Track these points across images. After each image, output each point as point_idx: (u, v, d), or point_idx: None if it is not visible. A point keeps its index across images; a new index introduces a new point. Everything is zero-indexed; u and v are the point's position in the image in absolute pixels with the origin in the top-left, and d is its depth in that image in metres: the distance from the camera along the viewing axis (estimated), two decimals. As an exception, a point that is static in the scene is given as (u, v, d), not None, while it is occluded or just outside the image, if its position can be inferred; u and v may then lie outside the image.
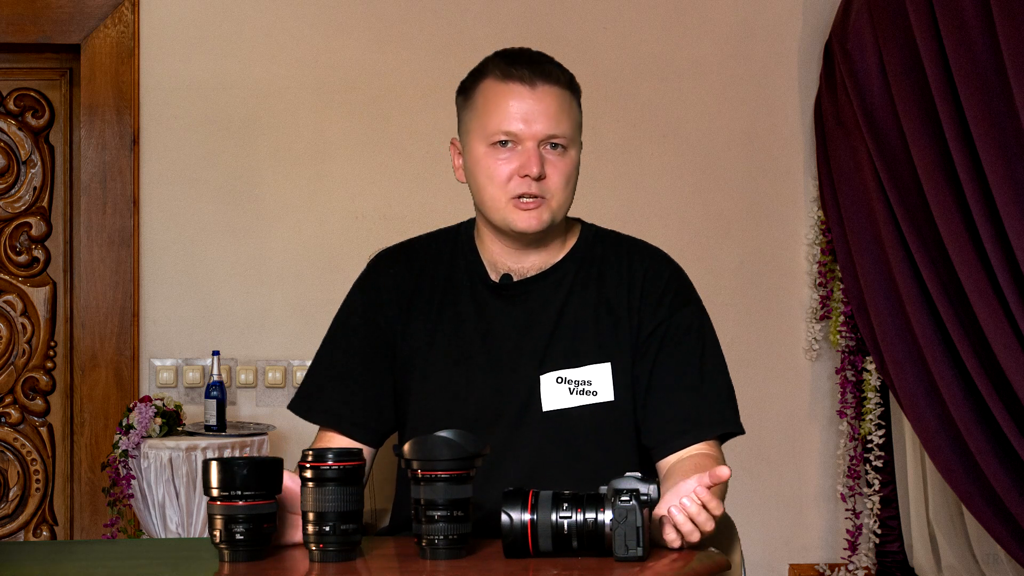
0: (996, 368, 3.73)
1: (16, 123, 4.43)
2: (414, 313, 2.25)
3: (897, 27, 4.01)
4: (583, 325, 2.20)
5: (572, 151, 2.18)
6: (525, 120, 2.15)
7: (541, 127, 2.15)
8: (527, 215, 2.16)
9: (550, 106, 2.15)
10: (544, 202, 2.16)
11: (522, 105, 2.15)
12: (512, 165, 2.15)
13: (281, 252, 4.34)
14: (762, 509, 4.45)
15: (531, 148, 2.14)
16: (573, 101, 2.20)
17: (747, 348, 4.41)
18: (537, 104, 2.15)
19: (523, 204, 2.15)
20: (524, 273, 2.24)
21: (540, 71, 2.16)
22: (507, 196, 2.16)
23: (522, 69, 2.16)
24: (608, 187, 4.42)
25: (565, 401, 2.17)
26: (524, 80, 2.16)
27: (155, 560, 2.01)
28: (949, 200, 3.81)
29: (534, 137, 2.15)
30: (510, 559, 1.84)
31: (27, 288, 4.42)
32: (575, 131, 2.19)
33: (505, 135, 2.15)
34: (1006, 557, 4.05)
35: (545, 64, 2.19)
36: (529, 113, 2.15)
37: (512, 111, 2.15)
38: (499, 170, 2.16)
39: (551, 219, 2.17)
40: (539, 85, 2.16)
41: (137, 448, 3.84)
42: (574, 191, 2.21)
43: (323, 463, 1.85)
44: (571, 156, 2.18)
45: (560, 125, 2.16)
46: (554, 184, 2.16)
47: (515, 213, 2.16)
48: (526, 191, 2.15)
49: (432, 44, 4.38)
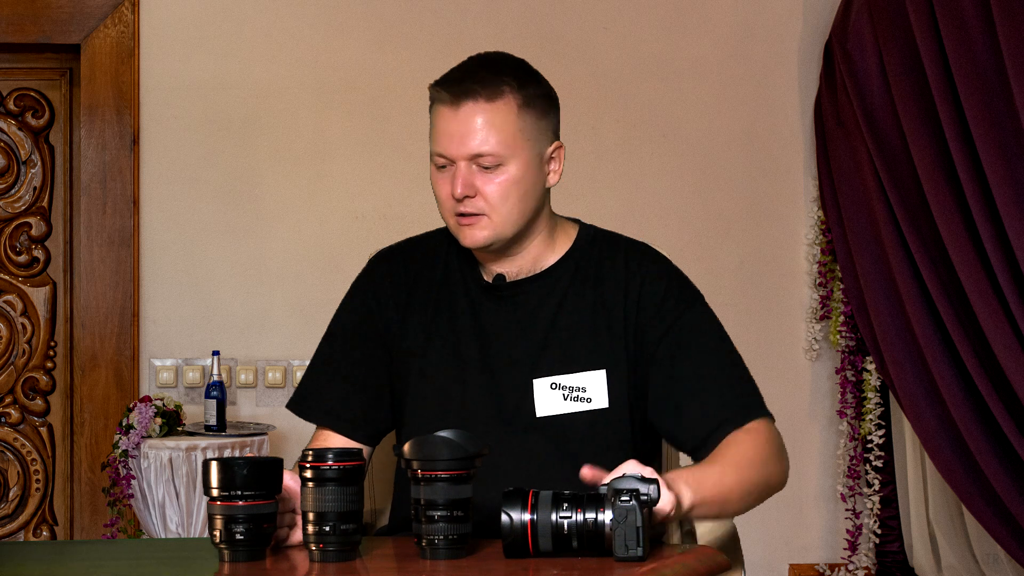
0: (996, 368, 3.73)
1: (16, 123, 4.43)
2: (411, 312, 2.25)
3: (897, 27, 4.01)
4: (578, 330, 2.19)
5: (510, 164, 2.15)
6: (450, 141, 2.15)
7: (464, 147, 2.14)
8: (467, 231, 2.16)
9: (471, 125, 2.13)
10: (484, 218, 2.15)
11: (448, 127, 2.15)
12: (448, 186, 2.16)
13: (281, 252, 4.34)
14: (762, 509, 4.40)
15: (461, 168, 2.14)
16: (510, 111, 2.15)
17: (747, 348, 4.36)
18: (459, 124, 2.14)
19: (463, 221, 2.17)
20: (516, 275, 2.23)
21: (462, 91, 2.14)
22: (451, 214, 2.18)
23: (445, 92, 2.15)
24: (608, 187, 4.42)
25: (559, 407, 2.16)
26: (446, 102, 2.15)
27: (155, 560, 2.01)
28: (949, 200, 3.81)
29: (461, 157, 2.14)
30: (510, 559, 1.84)
31: (27, 288, 4.42)
32: (512, 142, 2.14)
33: (441, 158, 2.17)
34: (1006, 557, 4.05)
35: (468, 81, 2.15)
36: (452, 134, 2.14)
37: (440, 133, 2.16)
38: (441, 191, 2.18)
39: (494, 234, 2.16)
40: (462, 104, 2.14)
41: (137, 448, 3.84)
42: (531, 200, 2.18)
43: (323, 463, 1.84)
44: (508, 170, 2.15)
45: (486, 142, 2.13)
46: (490, 200, 2.15)
47: (459, 230, 2.18)
48: (461, 210, 2.16)
49: (432, 44, 4.38)
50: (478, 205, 2.15)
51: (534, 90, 2.18)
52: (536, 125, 2.18)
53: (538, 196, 2.19)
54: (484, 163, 2.14)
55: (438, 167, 2.18)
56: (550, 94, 2.22)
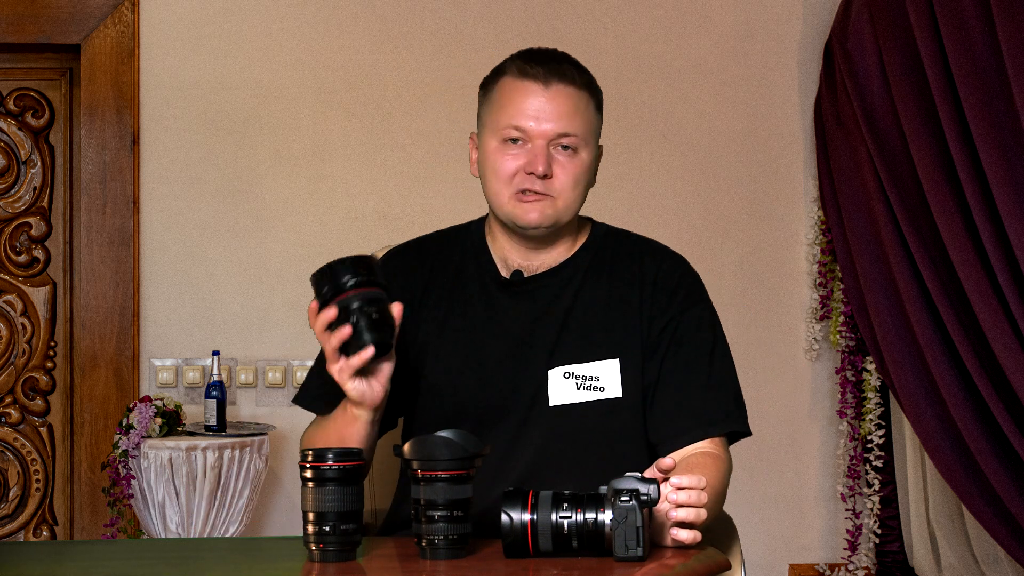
0: (996, 368, 3.73)
1: (16, 123, 4.43)
2: (425, 306, 2.26)
3: (897, 27, 4.01)
4: (592, 321, 2.20)
5: (583, 153, 2.19)
6: (536, 118, 2.16)
7: (551, 126, 2.15)
8: (529, 207, 2.17)
9: (562, 105, 2.16)
10: (549, 199, 2.17)
11: (534, 103, 2.16)
12: (519, 161, 2.16)
13: (281, 252, 4.34)
14: (762, 509, 4.45)
15: (540, 146, 2.16)
16: (590, 103, 2.20)
17: (747, 348, 4.40)
18: (549, 103, 2.16)
19: (526, 198, 2.16)
20: (535, 270, 2.24)
21: (555, 71, 2.17)
22: (511, 191, 2.17)
23: (537, 68, 2.17)
24: (608, 187, 4.40)
25: (572, 396, 2.17)
26: (538, 78, 2.17)
27: (155, 560, 2.01)
28: (949, 200, 3.81)
29: (544, 135, 2.16)
30: (510, 559, 1.84)
31: (27, 288, 4.42)
32: (589, 132, 2.20)
33: (516, 131, 2.16)
34: (1006, 557, 4.05)
35: (562, 64, 2.19)
36: (540, 111, 2.16)
37: (524, 108, 2.16)
38: (506, 165, 2.17)
39: (556, 217, 2.18)
40: (553, 84, 2.17)
41: (137, 448, 3.84)
42: (585, 192, 2.22)
43: (323, 463, 1.85)
44: (581, 158, 2.19)
45: (572, 125, 2.16)
46: (560, 183, 2.17)
47: (519, 207, 2.17)
48: (530, 187, 2.16)
49: (432, 44, 4.38)
50: (552, 186, 2.17)
51: (598, 93, 2.25)
52: (599, 125, 2.24)
53: (588, 191, 2.24)
54: (565, 143, 2.17)
55: (507, 140, 2.18)
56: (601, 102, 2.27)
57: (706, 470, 2.05)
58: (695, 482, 1.86)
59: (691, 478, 1.87)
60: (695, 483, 1.86)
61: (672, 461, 1.90)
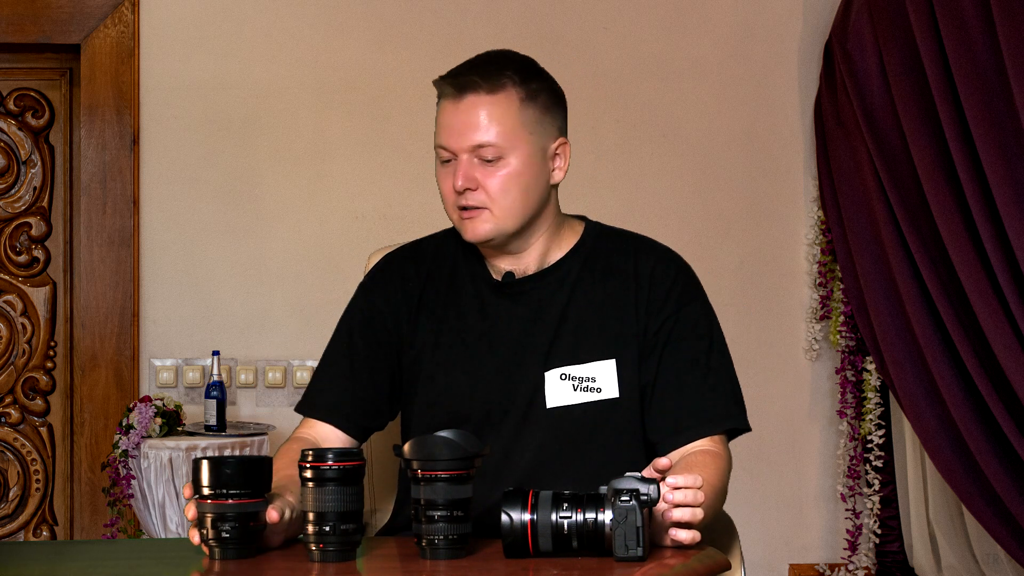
0: (996, 368, 3.73)
1: (16, 123, 4.43)
2: (422, 311, 2.26)
3: (897, 27, 4.01)
4: (587, 321, 2.20)
5: (511, 157, 2.16)
6: (451, 135, 2.17)
7: (465, 140, 2.16)
8: (468, 224, 2.18)
9: (472, 117, 2.15)
10: (485, 212, 2.17)
11: (450, 120, 2.17)
12: (451, 180, 2.18)
13: (281, 252, 4.34)
14: (762, 509, 4.45)
15: (463, 161, 2.16)
16: (512, 104, 2.16)
17: (747, 348, 4.40)
18: (460, 117, 2.16)
19: (465, 214, 2.18)
20: (524, 271, 2.24)
21: (465, 83, 2.16)
22: (454, 209, 2.19)
23: (448, 84, 2.18)
24: (608, 187, 4.42)
25: (569, 398, 2.17)
26: (450, 95, 2.18)
27: (155, 560, 2.01)
28: (949, 200, 3.81)
29: (463, 150, 2.16)
30: (510, 559, 1.84)
31: (27, 288, 4.42)
32: (512, 135, 2.16)
33: (444, 151, 2.19)
34: (1006, 557, 4.05)
35: (468, 74, 2.17)
36: (454, 127, 2.16)
37: (444, 126, 2.18)
38: (445, 185, 2.20)
39: (497, 226, 2.18)
40: (465, 97, 2.16)
41: (137, 448, 3.84)
42: (533, 195, 2.19)
43: (323, 463, 1.85)
44: (508, 163, 2.16)
45: (487, 134, 2.15)
46: (491, 192, 2.16)
47: (462, 224, 2.20)
48: (463, 203, 2.17)
49: (432, 44, 4.38)
50: (479, 198, 2.16)
51: (537, 85, 2.19)
52: (539, 119, 2.19)
53: (541, 191, 2.20)
54: (485, 155, 2.15)
55: (442, 161, 2.19)
56: (555, 90, 2.23)
57: (705, 468, 2.05)
58: (691, 481, 1.86)
59: (687, 477, 1.87)
60: (691, 482, 1.86)
61: (668, 460, 1.90)
